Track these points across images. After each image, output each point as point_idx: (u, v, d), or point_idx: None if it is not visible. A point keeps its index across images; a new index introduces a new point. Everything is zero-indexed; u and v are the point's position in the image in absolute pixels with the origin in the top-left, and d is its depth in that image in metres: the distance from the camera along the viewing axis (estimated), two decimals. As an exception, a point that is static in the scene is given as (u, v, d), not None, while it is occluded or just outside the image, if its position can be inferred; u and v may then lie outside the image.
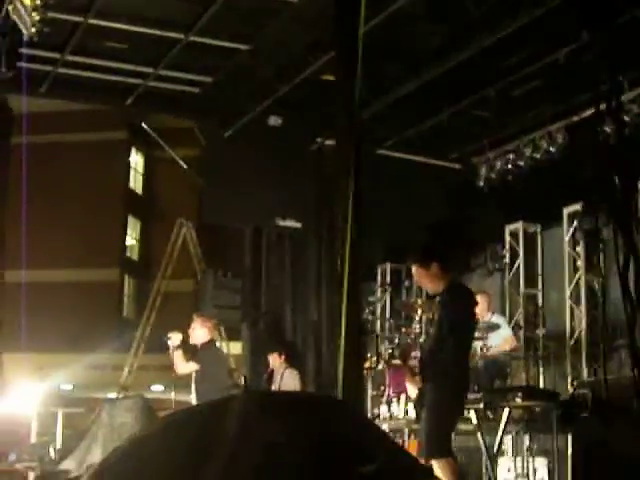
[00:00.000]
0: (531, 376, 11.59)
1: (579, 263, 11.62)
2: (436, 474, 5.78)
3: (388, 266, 14.45)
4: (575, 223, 11.64)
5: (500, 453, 7.52)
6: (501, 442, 6.89)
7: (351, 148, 7.21)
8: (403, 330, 10.88)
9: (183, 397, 10.62)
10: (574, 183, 11.16)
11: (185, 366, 9.16)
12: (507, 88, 11.18)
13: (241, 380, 12.27)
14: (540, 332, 11.77)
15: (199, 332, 9.29)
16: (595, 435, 5.44)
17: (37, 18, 8.40)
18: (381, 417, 9.43)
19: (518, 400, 6.76)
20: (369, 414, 9.47)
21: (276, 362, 10.72)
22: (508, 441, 8.38)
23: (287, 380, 10.40)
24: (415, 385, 6.67)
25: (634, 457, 5.64)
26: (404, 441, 9.18)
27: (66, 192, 27.41)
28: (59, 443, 11.31)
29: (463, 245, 12.46)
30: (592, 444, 5.43)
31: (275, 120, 12.25)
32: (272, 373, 10.89)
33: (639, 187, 9.32)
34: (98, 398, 17.03)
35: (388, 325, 13.23)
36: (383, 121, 11.89)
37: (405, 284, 13.91)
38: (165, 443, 3.29)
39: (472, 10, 9.71)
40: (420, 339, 10.05)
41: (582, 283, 11.53)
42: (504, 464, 8.47)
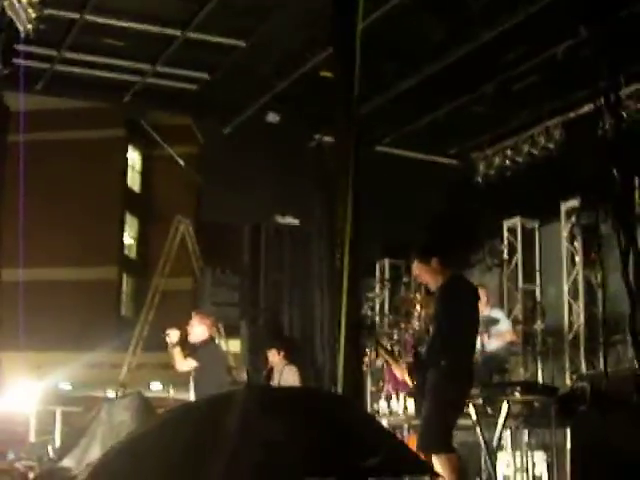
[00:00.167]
0: (529, 371, 11.61)
1: (577, 258, 11.63)
2: (436, 469, 5.80)
3: (387, 262, 14.44)
4: (573, 219, 11.65)
5: (499, 448, 7.52)
6: (500, 437, 6.89)
7: (350, 145, 7.21)
8: (402, 326, 10.90)
9: (182, 395, 10.62)
10: (572, 179, 11.18)
11: (184, 364, 9.16)
12: (505, 84, 11.18)
13: (240, 377, 12.31)
14: (538, 327, 11.76)
15: (198, 330, 9.29)
16: (594, 429, 5.44)
17: (34, 15, 8.38)
18: (380, 413, 9.44)
19: (517, 395, 6.77)
20: (368, 410, 9.47)
21: (275, 359, 10.71)
22: (507, 436, 8.40)
23: (287, 376, 10.39)
24: (401, 371, 6.69)
25: (633, 451, 5.63)
26: (403, 437, 9.20)
27: (63, 190, 27.33)
28: (58, 442, 11.31)
29: (462, 240, 12.44)
30: (591, 438, 5.43)
31: (273, 117, 12.24)
32: (271, 370, 10.88)
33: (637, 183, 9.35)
34: (97, 396, 17.01)
35: (387, 321, 13.24)
36: (381, 117, 11.88)
37: (404, 280, 13.91)
38: (163, 439, 3.29)
39: (471, 6, 9.72)
40: (418, 335, 10.07)
41: (580, 278, 11.55)
42: (503, 459, 8.49)
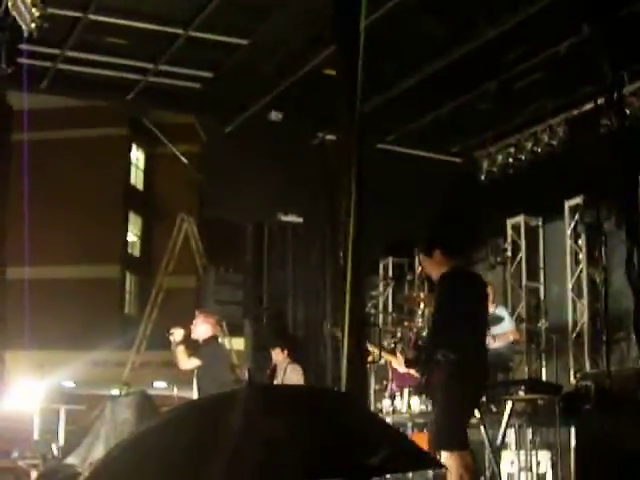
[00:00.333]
0: (533, 369, 11.60)
1: (581, 256, 11.61)
2: (447, 465, 5.79)
3: (390, 260, 14.43)
4: (577, 216, 11.63)
5: (503, 446, 7.52)
6: (504, 435, 6.89)
7: (353, 143, 7.21)
8: (405, 324, 10.89)
9: (185, 393, 10.63)
10: (575, 176, 11.15)
11: (187, 362, 9.17)
12: (508, 82, 11.16)
13: (243, 375, 12.30)
14: (542, 325, 11.76)
15: (201, 328, 9.29)
16: (598, 428, 5.43)
17: (37, 14, 8.37)
18: (384, 411, 9.44)
19: (521, 393, 6.76)
20: (372, 408, 9.48)
21: (279, 357, 10.69)
22: (511, 434, 8.39)
23: (290, 375, 10.37)
24: (400, 363, 6.69)
25: (638, 449, 5.63)
26: (407, 435, 9.18)
27: (67, 189, 27.37)
28: (62, 440, 11.32)
29: (465, 232, 12.37)
30: (596, 437, 5.42)
31: (276, 115, 12.23)
32: (275, 368, 10.87)
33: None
34: (101, 395, 17.01)
35: (391, 319, 13.23)
36: (384, 115, 11.86)
37: (407, 278, 13.91)
38: (165, 438, 3.28)
39: (473, 3, 9.70)
40: (422, 333, 10.06)
41: (584, 276, 11.52)
42: (507, 457, 8.48)
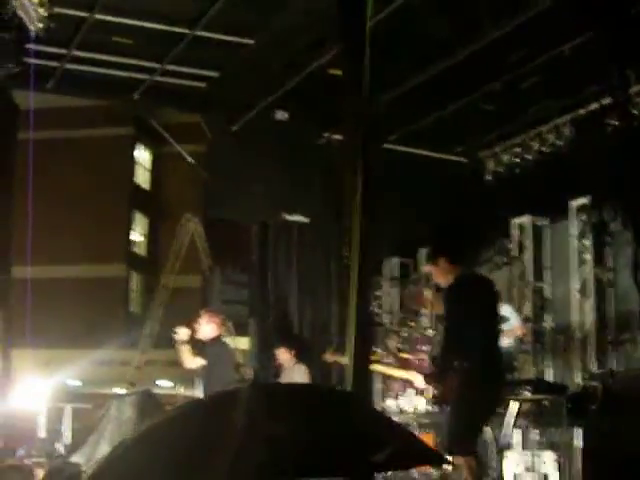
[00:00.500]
0: (539, 369, 11.58)
1: (587, 256, 11.58)
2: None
3: (395, 260, 14.43)
4: (583, 216, 11.60)
5: (509, 447, 7.51)
6: (510, 436, 6.87)
7: (359, 142, 7.20)
8: (410, 324, 10.89)
9: (191, 392, 10.65)
10: (581, 176, 11.12)
11: (192, 361, 9.19)
12: (513, 81, 11.13)
13: (248, 375, 12.31)
14: (548, 325, 11.75)
15: (206, 328, 9.31)
16: (606, 428, 5.41)
17: (44, 14, 8.40)
18: (389, 411, 9.43)
19: (527, 393, 6.76)
20: (377, 408, 9.47)
21: (285, 357, 10.68)
22: (517, 435, 8.37)
23: (296, 375, 10.37)
24: (418, 380, 6.65)
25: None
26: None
27: (73, 188, 27.42)
28: (67, 438, 11.35)
29: (470, 238, 12.39)
30: (602, 438, 5.40)
31: (282, 114, 12.22)
32: (280, 368, 10.87)
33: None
34: (106, 393, 17.06)
35: (396, 319, 13.23)
36: (389, 115, 11.85)
37: (412, 278, 13.90)
38: (170, 436, 3.30)
39: (478, 4, 9.68)
40: (428, 333, 10.06)
41: (590, 276, 11.50)
42: (513, 458, 8.46)
